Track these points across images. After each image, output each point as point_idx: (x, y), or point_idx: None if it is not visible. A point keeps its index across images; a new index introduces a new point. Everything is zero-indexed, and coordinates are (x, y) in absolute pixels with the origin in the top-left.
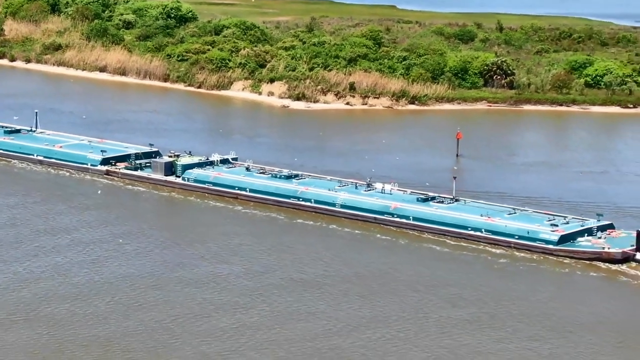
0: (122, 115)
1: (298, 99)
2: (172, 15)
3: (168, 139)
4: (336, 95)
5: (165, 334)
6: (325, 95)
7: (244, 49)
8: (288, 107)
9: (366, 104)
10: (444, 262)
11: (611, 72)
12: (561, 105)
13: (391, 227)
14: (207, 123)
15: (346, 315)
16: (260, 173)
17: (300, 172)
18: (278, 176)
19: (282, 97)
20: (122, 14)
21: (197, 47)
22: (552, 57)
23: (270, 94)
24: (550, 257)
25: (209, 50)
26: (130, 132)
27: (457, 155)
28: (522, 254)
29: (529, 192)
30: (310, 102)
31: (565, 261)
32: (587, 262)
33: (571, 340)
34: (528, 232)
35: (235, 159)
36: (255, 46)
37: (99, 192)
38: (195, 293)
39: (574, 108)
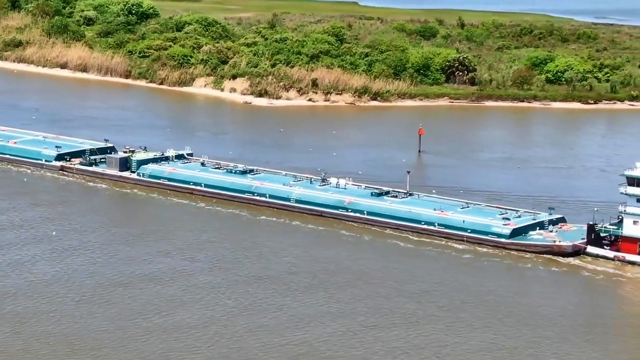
0: (86, 112)
1: (260, 95)
2: (134, 12)
3: (133, 135)
4: (298, 91)
5: (132, 330)
6: (287, 91)
7: (206, 46)
8: (250, 103)
9: (328, 100)
10: (409, 258)
11: (572, 68)
12: (522, 101)
13: (352, 223)
14: (170, 119)
15: (313, 311)
16: (216, 168)
17: (255, 167)
18: (233, 171)
19: (244, 94)
20: (82, 11)
21: (158, 44)
22: (513, 53)
23: (233, 90)
24: (507, 251)
25: (170, 46)
26: (96, 129)
27: (419, 151)
28: (485, 249)
29: (495, 187)
30: (273, 98)
31: (526, 256)
32: (540, 255)
33: (538, 334)
34: (477, 226)
35: (190, 155)
36: (217, 42)
37: (25, 180)
38: (161, 290)
39: (535, 104)
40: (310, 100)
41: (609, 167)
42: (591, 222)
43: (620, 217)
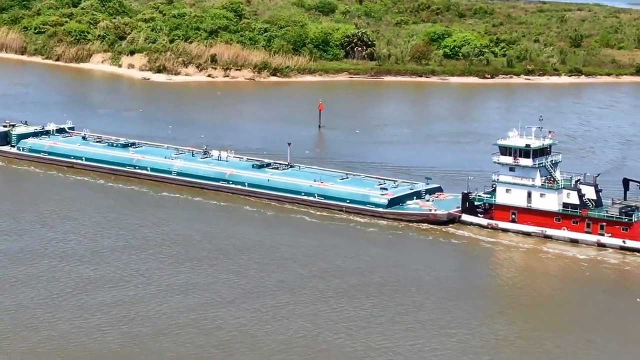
0: None
1: (159, 71)
2: None
3: (30, 112)
4: (197, 67)
5: (40, 310)
6: (186, 67)
7: (103, 21)
8: (149, 79)
9: (228, 76)
10: (317, 233)
11: (469, 43)
12: (421, 76)
13: (234, 195)
14: (69, 96)
15: (224, 288)
16: (97, 142)
17: (137, 141)
18: (114, 145)
19: (142, 70)
20: None
21: (54, 20)
22: (412, 28)
23: (131, 66)
24: (381, 221)
25: (67, 22)
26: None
27: (319, 127)
28: (387, 222)
29: (400, 162)
30: (172, 74)
31: (423, 227)
32: (416, 224)
33: (447, 306)
34: (355, 196)
35: (72, 128)
36: (114, 18)
37: None
38: (72, 269)
39: (433, 79)
40: (209, 76)
41: None
42: (466, 191)
43: (494, 186)
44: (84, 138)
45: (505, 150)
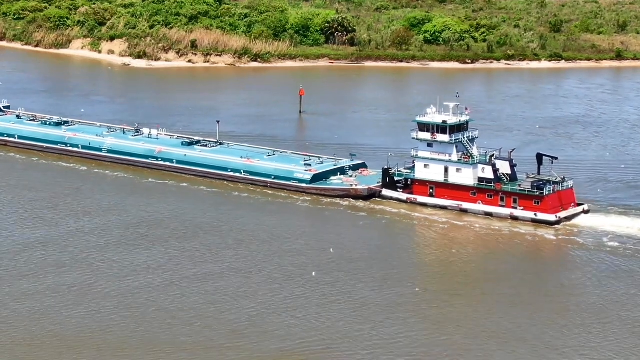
0: None
1: (139, 57)
2: None
3: (14, 98)
4: (178, 53)
5: None
6: (166, 53)
7: (83, 7)
8: (129, 65)
9: (208, 61)
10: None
11: (449, 29)
12: (401, 61)
13: (163, 172)
14: (48, 82)
15: (166, 261)
16: (31, 120)
17: (70, 119)
18: (48, 123)
19: (122, 56)
20: None
21: (34, 5)
22: (392, 14)
23: (111, 52)
24: (304, 196)
25: (46, 8)
26: None
27: (300, 112)
28: (310, 197)
29: (375, 144)
30: (152, 60)
31: (344, 201)
32: (338, 198)
33: (358, 276)
34: (280, 172)
35: (7, 107)
36: (94, 4)
37: None
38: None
39: (414, 64)
40: (190, 61)
41: (493, 122)
42: (386, 167)
43: (414, 162)
44: (18, 117)
45: (423, 127)
